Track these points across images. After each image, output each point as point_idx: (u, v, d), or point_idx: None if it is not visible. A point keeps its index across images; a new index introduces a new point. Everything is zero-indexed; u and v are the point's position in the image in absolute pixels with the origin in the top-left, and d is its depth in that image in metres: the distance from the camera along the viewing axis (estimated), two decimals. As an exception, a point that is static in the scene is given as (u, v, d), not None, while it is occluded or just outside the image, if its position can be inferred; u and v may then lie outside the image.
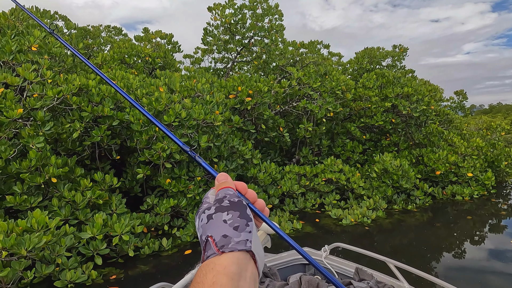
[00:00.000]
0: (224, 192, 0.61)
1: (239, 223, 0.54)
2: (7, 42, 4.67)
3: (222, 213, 0.56)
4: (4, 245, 2.86)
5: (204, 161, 0.79)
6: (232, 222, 0.54)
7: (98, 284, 3.76)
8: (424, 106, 8.26)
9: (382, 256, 2.30)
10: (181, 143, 0.79)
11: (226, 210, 0.56)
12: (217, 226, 0.54)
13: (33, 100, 4.29)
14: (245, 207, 0.58)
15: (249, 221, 0.56)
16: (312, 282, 2.06)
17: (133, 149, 5.65)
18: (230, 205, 0.57)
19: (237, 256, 0.50)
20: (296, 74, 7.56)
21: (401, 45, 10.81)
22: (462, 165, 7.86)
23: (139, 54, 7.44)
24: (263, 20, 8.50)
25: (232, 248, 0.51)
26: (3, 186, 4.14)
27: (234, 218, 0.55)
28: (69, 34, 5.97)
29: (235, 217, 0.55)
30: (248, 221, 0.56)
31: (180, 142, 0.79)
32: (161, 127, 0.89)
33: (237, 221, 0.54)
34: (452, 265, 4.74)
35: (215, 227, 0.54)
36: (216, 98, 5.47)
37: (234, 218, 0.55)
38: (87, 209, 4.29)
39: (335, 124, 8.94)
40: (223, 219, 0.55)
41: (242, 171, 6.32)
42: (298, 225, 5.67)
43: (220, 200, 0.58)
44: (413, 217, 6.68)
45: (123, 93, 0.97)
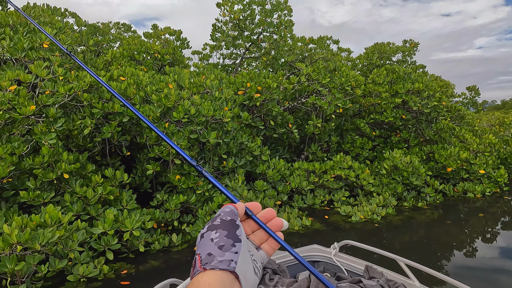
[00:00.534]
0: (221, 210, 0.61)
1: (225, 242, 0.54)
2: (19, 40, 4.73)
3: (211, 232, 0.56)
4: (19, 240, 2.91)
5: (210, 174, 0.80)
6: (218, 241, 0.54)
7: (109, 278, 3.81)
8: (435, 102, 8.13)
9: (393, 254, 2.27)
10: (188, 158, 0.81)
11: (215, 228, 0.56)
12: (205, 245, 0.54)
13: (45, 97, 4.35)
14: (236, 227, 0.57)
15: (236, 242, 0.55)
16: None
17: (142, 146, 5.70)
18: (220, 223, 0.57)
19: (220, 274, 0.50)
20: (305, 70, 7.50)
21: (412, 40, 10.64)
22: (474, 162, 7.73)
23: (148, 51, 7.47)
24: (272, 16, 8.45)
25: (214, 266, 0.50)
26: (16, 182, 4.21)
27: (220, 237, 0.54)
28: (80, 31, 6.02)
29: (222, 236, 0.55)
30: (235, 242, 0.55)
31: (188, 157, 0.81)
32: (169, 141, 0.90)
33: (222, 240, 0.54)
34: (462, 263, 4.68)
35: (203, 246, 0.54)
36: (225, 95, 5.47)
37: (221, 237, 0.54)
38: (99, 205, 4.34)
39: (344, 121, 8.87)
40: (211, 238, 0.55)
41: (251, 167, 6.33)
42: (307, 222, 5.65)
43: (214, 219, 0.58)
44: (423, 214, 6.61)
45: (138, 113, 0.97)
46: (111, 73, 5.46)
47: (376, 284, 2.10)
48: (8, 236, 2.91)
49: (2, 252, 2.93)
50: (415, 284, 2.14)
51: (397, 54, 10.53)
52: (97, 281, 3.73)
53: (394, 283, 2.13)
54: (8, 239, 2.90)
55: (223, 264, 0.51)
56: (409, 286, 2.10)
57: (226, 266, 0.51)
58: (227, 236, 0.55)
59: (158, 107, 4.87)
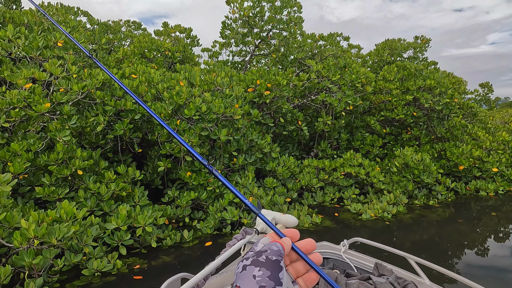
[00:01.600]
0: (268, 246, 0.61)
1: (266, 283, 0.54)
2: (34, 38, 4.82)
3: (255, 267, 0.56)
4: (36, 234, 2.99)
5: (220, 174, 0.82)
6: (260, 280, 0.54)
7: (123, 273, 3.88)
8: (448, 99, 8.02)
9: (402, 252, 2.27)
10: (199, 157, 0.82)
11: (259, 265, 0.56)
12: (246, 279, 0.54)
13: (59, 94, 4.43)
14: (279, 268, 0.57)
15: (278, 285, 0.55)
16: (331, 276, 2.06)
17: (153, 143, 5.76)
18: (265, 261, 0.57)
19: None
20: (315, 67, 7.47)
21: (423, 36, 10.49)
22: (487, 160, 7.62)
23: (159, 49, 7.53)
24: (282, 13, 8.42)
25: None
26: (32, 178, 4.30)
27: (263, 277, 0.54)
28: (92, 30, 6.10)
29: (265, 276, 0.55)
30: (277, 285, 0.55)
31: (199, 155, 0.83)
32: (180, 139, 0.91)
33: (265, 281, 0.54)
34: (474, 262, 4.64)
35: (244, 279, 0.54)
36: (235, 92, 5.49)
37: (263, 277, 0.54)
38: (111, 201, 4.42)
39: (354, 118, 8.81)
40: (253, 274, 0.55)
41: (261, 164, 6.35)
42: (318, 219, 5.66)
43: (259, 254, 0.58)
44: (434, 212, 6.55)
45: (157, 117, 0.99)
46: (123, 70, 5.53)
47: (386, 281, 2.10)
48: (26, 231, 2.98)
49: (20, 246, 3.01)
50: (425, 282, 2.13)
51: (408, 51, 10.40)
52: (111, 275, 3.80)
53: (404, 281, 2.13)
54: (25, 233, 2.98)
55: None
56: (419, 284, 2.10)
57: None
58: (269, 277, 0.55)
59: (170, 104, 4.92)
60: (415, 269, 2.22)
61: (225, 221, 5.13)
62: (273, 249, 0.60)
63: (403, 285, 2.09)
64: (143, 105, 1.10)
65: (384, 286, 2.01)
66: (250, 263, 0.57)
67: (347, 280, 2.06)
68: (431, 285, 2.11)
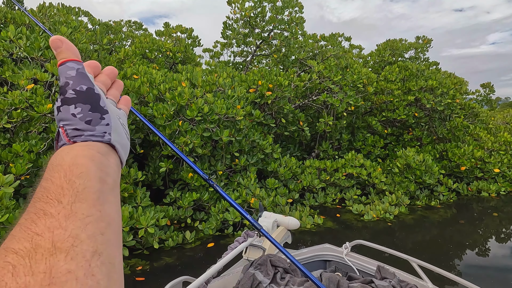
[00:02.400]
0: (65, 74, 0.48)
1: (92, 117, 0.46)
2: (35, 39, 4.81)
3: (68, 106, 0.46)
4: (39, 236, 2.98)
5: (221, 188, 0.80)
6: (83, 116, 0.46)
7: (125, 274, 3.85)
8: (449, 99, 8.01)
9: (405, 255, 2.26)
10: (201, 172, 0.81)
11: (72, 102, 0.46)
12: (67, 119, 0.46)
13: (61, 95, 4.41)
14: (97, 97, 0.48)
15: (104, 114, 0.48)
16: (332, 279, 2.05)
17: (154, 143, 5.75)
18: (76, 95, 0.46)
19: (94, 145, 0.45)
20: (316, 67, 7.46)
21: (425, 36, 10.48)
22: (489, 161, 7.61)
23: (160, 49, 7.52)
24: (283, 13, 8.41)
25: (86, 139, 0.45)
26: (34, 179, 4.29)
27: (84, 112, 0.46)
28: (94, 30, 6.09)
29: (86, 110, 0.46)
30: (103, 114, 0.48)
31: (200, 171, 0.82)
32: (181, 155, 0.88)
33: (88, 115, 0.46)
34: (475, 263, 4.63)
35: (65, 120, 0.46)
36: (237, 93, 5.48)
37: (85, 112, 0.46)
38: (114, 202, 4.40)
39: (356, 118, 8.80)
40: (71, 113, 0.46)
41: (263, 165, 6.34)
42: (319, 220, 5.65)
43: (63, 90, 0.47)
44: (436, 213, 6.54)
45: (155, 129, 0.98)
46: (124, 71, 5.52)
47: (388, 284, 2.09)
48: (29, 232, 2.97)
49: (23, 248, 2.99)
50: (428, 286, 2.12)
51: (409, 51, 10.38)
52: (113, 277, 3.79)
53: (406, 284, 2.12)
54: (28, 235, 2.96)
55: (96, 137, 0.46)
56: (422, 287, 2.09)
57: (101, 138, 0.46)
58: (91, 110, 0.47)
59: (172, 105, 4.91)
60: (417, 272, 2.21)
61: (227, 222, 5.12)
62: (73, 75, 0.48)
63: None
64: (135, 111, 1.08)
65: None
66: (61, 103, 0.47)
67: (349, 284, 2.05)
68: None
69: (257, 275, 1.95)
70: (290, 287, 2.05)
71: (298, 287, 2.04)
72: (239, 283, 1.82)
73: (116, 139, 0.48)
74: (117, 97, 0.58)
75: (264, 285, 2.01)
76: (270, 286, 2.05)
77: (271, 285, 2.06)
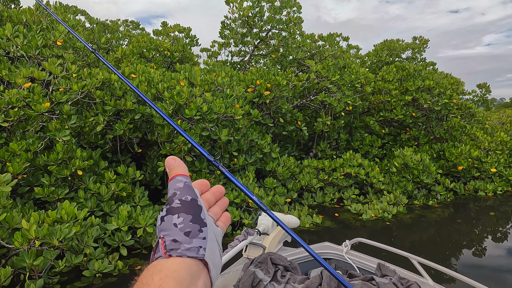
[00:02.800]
0: (174, 186, 0.53)
1: (191, 228, 0.49)
2: (33, 37, 4.77)
3: (172, 216, 0.50)
4: (37, 235, 2.95)
5: (227, 171, 0.79)
6: (183, 226, 0.49)
7: (124, 274, 3.85)
8: (446, 99, 8.06)
9: (405, 252, 2.26)
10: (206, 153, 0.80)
11: (176, 212, 0.50)
12: (168, 229, 0.49)
13: (59, 94, 4.38)
14: (199, 208, 0.52)
15: (203, 226, 0.50)
16: (333, 277, 2.05)
17: (152, 143, 5.73)
18: (181, 205, 0.51)
19: (188, 262, 0.46)
20: (314, 67, 7.47)
21: (422, 37, 10.53)
22: (486, 160, 7.66)
23: (157, 48, 7.49)
24: (281, 13, 8.42)
25: (181, 254, 0.46)
26: (31, 178, 4.26)
27: (185, 222, 0.49)
28: (92, 29, 6.06)
29: (187, 221, 0.49)
30: (202, 226, 0.50)
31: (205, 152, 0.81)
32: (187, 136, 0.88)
33: (188, 226, 0.49)
34: (472, 262, 4.66)
35: (166, 230, 0.49)
36: (236, 92, 5.47)
37: (186, 222, 0.49)
38: (112, 201, 4.38)
39: (353, 118, 8.82)
40: (174, 223, 0.49)
41: (261, 165, 6.33)
42: (318, 220, 5.65)
43: (171, 200, 0.52)
44: (434, 212, 6.57)
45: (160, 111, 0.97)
46: (122, 70, 5.49)
47: (389, 282, 2.09)
48: (27, 232, 2.95)
49: (20, 247, 2.97)
50: (429, 283, 2.12)
51: (406, 51, 10.43)
52: (112, 276, 3.77)
53: (407, 281, 2.12)
54: (26, 234, 2.94)
55: (191, 251, 0.47)
56: (422, 284, 2.09)
57: (195, 254, 0.47)
58: (192, 220, 0.50)
59: (170, 104, 4.89)
60: (418, 269, 2.21)
61: (226, 221, 5.10)
62: (180, 187, 0.53)
63: (407, 285, 2.08)
64: (150, 103, 1.06)
65: (387, 287, 2.00)
66: (166, 212, 0.51)
67: (350, 281, 2.05)
68: (434, 286, 2.10)
69: (258, 273, 1.94)
70: (291, 285, 2.05)
71: (298, 285, 2.04)
72: (240, 281, 1.81)
73: (210, 257, 0.49)
74: (218, 214, 0.61)
75: (265, 283, 2.00)
76: (271, 284, 2.05)
77: (272, 283, 2.05)
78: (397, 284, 2.02)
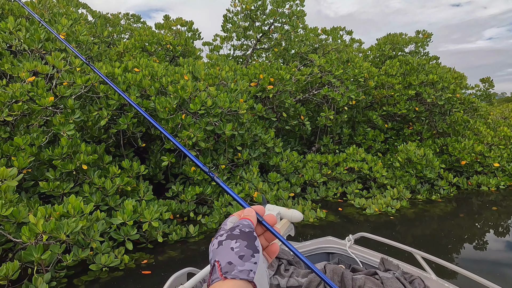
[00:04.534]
0: (239, 222, 0.64)
1: (245, 252, 0.57)
2: (35, 31, 4.73)
3: (231, 241, 0.59)
4: (44, 229, 2.95)
5: (222, 181, 0.84)
6: (239, 250, 0.57)
7: (130, 268, 3.86)
8: (450, 94, 8.02)
9: (408, 247, 2.26)
10: (201, 164, 0.87)
11: (235, 238, 0.59)
12: (225, 253, 0.57)
13: (63, 88, 4.36)
14: (254, 238, 0.61)
15: (256, 253, 0.58)
16: (336, 271, 2.05)
17: (155, 137, 5.71)
18: (240, 234, 0.60)
19: (239, 284, 0.53)
20: (318, 61, 7.43)
21: (425, 31, 10.45)
22: (489, 155, 7.65)
23: (160, 42, 7.44)
24: (284, 6, 8.34)
25: (235, 276, 0.53)
26: (36, 172, 4.25)
27: (241, 247, 0.57)
28: (94, 22, 6.00)
29: (242, 246, 0.58)
30: (255, 252, 0.58)
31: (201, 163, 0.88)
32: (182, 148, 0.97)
33: (243, 251, 0.57)
34: (474, 257, 4.67)
35: (223, 254, 0.57)
36: (240, 86, 5.44)
37: (241, 247, 0.58)
38: (117, 196, 4.38)
39: (356, 112, 8.80)
40: (231, 247, 0.58)
41: (264, 159, 6.32)
42: (322, 214, 5.66)
43: (233, 229, 0.62)
44: (437, 207, 6.58)
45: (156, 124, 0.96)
46: (125, 64, 5.45)
47: (392, 276, 2.08)
48: (34, 226, 2.95)
49: (27, 241, 2.97)
50: (432, 277, 2.12)
51: (409, 45, 10.36)
52: (118, 270, 3.78)
53: (410, 276, 2.11)
54: (34, 228, 2.94)
55: (243, 274, 0.54)
56: (426, 279, 2.09)
57: (246, 276, 0.54)
58: (247, 246, 0.58)
59: (175, 98, 4.87)
60: (421, 264, 2.21)
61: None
62: (244, 223, 0.63)
63: (410, 280, 2.08)
64: (155, 122, 1.05)
65: (391, 281, 2.00)
66: (226, 238, 0.60)
67: (353, 275, 2.05)
68: (438, 280, 2.10)
69: (261, 266, 1.93)
70: (294, 278, 2.05)
71: (302, 279, 2.04)
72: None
73: (258, 280, 0.56)
74: (264, 245, 0.70)
75: (269, 276, 2.00)
76: (274, 278, 2.05)
77: (275, 276, 2.05)
78: (400, 279, 2.02)
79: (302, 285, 1.95)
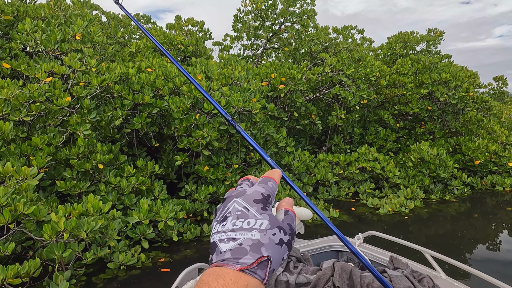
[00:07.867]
0: (291, 217, 0.62)
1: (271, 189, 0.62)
2: (52, 32, 4.79)
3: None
4: (65, 227, 2.99)
5: (244, 131, 0.81)
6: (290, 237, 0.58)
7: (147, 266, 3.89)
8: (463, 92, 7.93)
9: (418, 246, 2.25)
10: (223, 112, 0.84)
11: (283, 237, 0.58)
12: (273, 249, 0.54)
13: (79, 88, 4.41)
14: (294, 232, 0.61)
15: (289, 250, 0.58)
16: (345, 269, 2.04)
17: (167, 136, 5.74)
18: (291, 233, 0.59)
19: (251, 280, 0.50)
20: (329, 60, 7.40)
21: (437, 29, 10.34)
22: (503, 155, 7.54)
23: (171, 42, 7.48)
24: (295, 5, 8.32)
25: (251, 273, 0.51)
26: (53, 172, 4.31)
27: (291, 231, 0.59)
28: (108, 23, 6.06)
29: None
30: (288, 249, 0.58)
31: (223, 110, 0.85)
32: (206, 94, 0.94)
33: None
34: (485, 257, 4.62)
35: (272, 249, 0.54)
36: (252, 86, 5.45)
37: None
38: (132, 195, 4.42)
39: (368, 112, 8.74)
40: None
41: (276, 159, 6.32)
42: (335, 214, 5.64)
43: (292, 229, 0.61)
44: (451, 207, 6.51)
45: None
46: (139, 64, 5.49)
47: (401, 274, 2.07)
48: (56, 224, 2.99)
49: (49, 239, 3.01)
50: (441, 276, 2.10)
51: (421, 44, 10.26)
52: (135, 269, 3.82)
53: (419, 274, 2.09)
54: (55, 227, 2.98)
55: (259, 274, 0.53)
56: (435, 278, 2.07)
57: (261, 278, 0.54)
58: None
59: (188, 98, 4.89)
60: (430, 263, 2.19)
61: (243, 215, 5.12)
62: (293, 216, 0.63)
63: (419, 278, 2.06)
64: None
65: (399, 279, 1.98)
66: (291, 237, 0.59)
67: (362, 273, 2.04)
68: (447, 279, 2.08)
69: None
70: (303, 275, 2.04)
71: (310, 276, 2.03)
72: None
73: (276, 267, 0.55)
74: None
75: (277, 273, 2.00)
76: (283, 274, 2.05)
77: (284, 273, 2.05)
78: (409, 277, 2.00)
79: (311, 282, 1.95)
